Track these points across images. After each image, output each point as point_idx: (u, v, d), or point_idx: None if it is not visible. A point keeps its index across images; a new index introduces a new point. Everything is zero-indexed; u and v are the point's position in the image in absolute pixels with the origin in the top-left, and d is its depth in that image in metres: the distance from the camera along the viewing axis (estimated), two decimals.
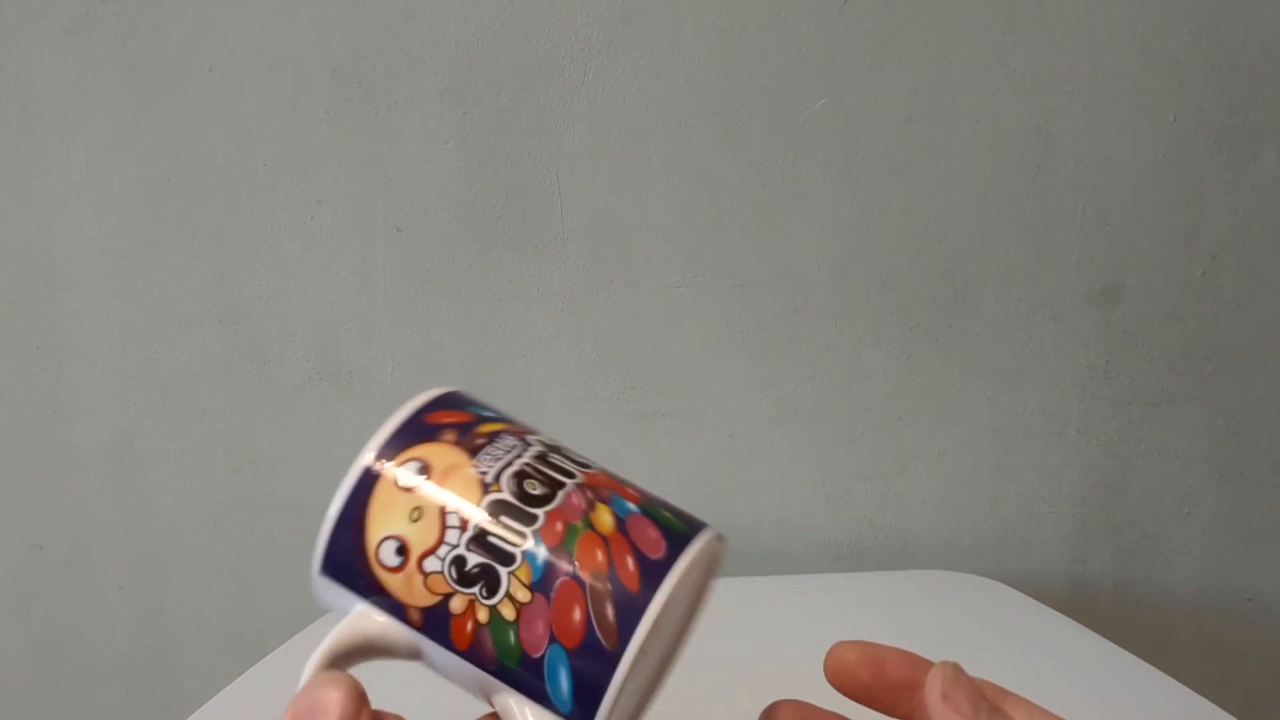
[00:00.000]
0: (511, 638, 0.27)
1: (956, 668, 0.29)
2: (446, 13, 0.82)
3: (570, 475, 0.29)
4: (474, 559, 0.27)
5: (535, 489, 0.28)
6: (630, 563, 0.27)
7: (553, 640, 0.27)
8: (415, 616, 0.28)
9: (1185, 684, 0.56)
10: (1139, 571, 0.89)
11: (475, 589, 0.27)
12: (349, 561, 0.28)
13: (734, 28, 0.82)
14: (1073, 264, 0.85)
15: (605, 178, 0.84)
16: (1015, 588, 0.77)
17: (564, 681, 0.27)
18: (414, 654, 0.29)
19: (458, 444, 0.29)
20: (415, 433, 0.29)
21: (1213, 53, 0.83)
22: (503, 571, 0.27)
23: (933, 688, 0.28)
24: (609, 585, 0.27)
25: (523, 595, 0.27)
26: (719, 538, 0.30)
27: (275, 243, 0.85)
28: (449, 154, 0.84)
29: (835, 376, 0.86)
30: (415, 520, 0.28)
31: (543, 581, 0.27)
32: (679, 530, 0.29)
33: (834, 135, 0.83)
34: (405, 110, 0.83)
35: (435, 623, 0.28)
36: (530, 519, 0.28)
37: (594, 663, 0.27)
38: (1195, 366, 0.87)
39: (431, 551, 0.28)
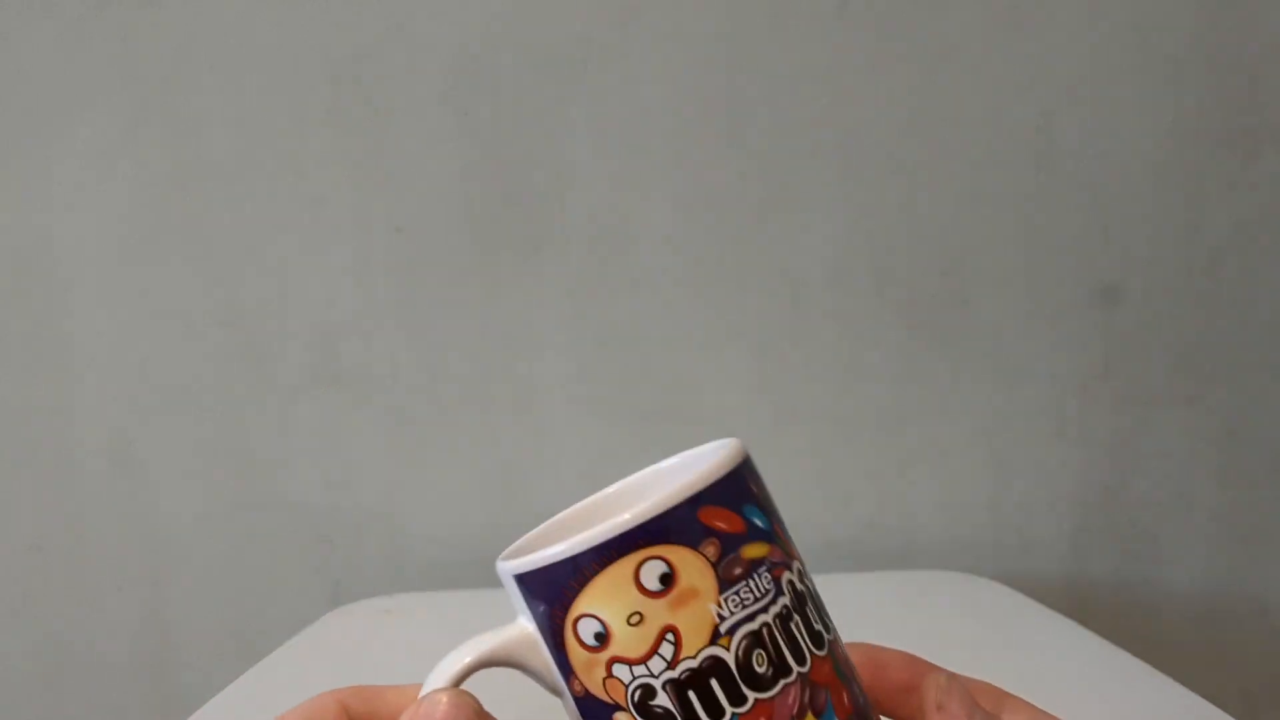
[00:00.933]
0: None
1: (952, 676, 0.29)
2: (447, 12, 0.82)
3: (801, 658, 0.26)
4: (663, 700, 0.25)
5: (760, 665, 0.25)
6: None
7: None
8: (578, 689, 0.27)
9: (1184, 685, 0.56)
10: (1138, 572, 0.89)
11: None
12: (546, 602, 0.27)
13: (734, 28, 0.82)
14: (1072, 264, 0.85)
15: (605, 178, 0.84)
16: (1015, 588, 0.77)
17: None
18: (554, 693, 0.28)
19: (714, 565, 0.26)
20: (680, 528, 0.26)
21: (1213, 53, 0.83)
22: None
23: (928, 698, 0.28)
24: None
25: None
26: None
27: (275, 243, 0.85)
28: (449, 154, 0.84)
29: (835, 377, 0.86)
30: (631, 624, 0.25)
31: None
32: None
33: (834, 135, 0.83)
34: (405, 110, 0.83)
35: (592, 710, 0.26)
36: (740, 700, 0.25)
37: None
38: (1195, 367, 0.87)
39: (628, 663, 0.25)
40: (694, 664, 0.25)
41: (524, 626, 0.27)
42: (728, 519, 0.26)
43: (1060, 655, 0.64)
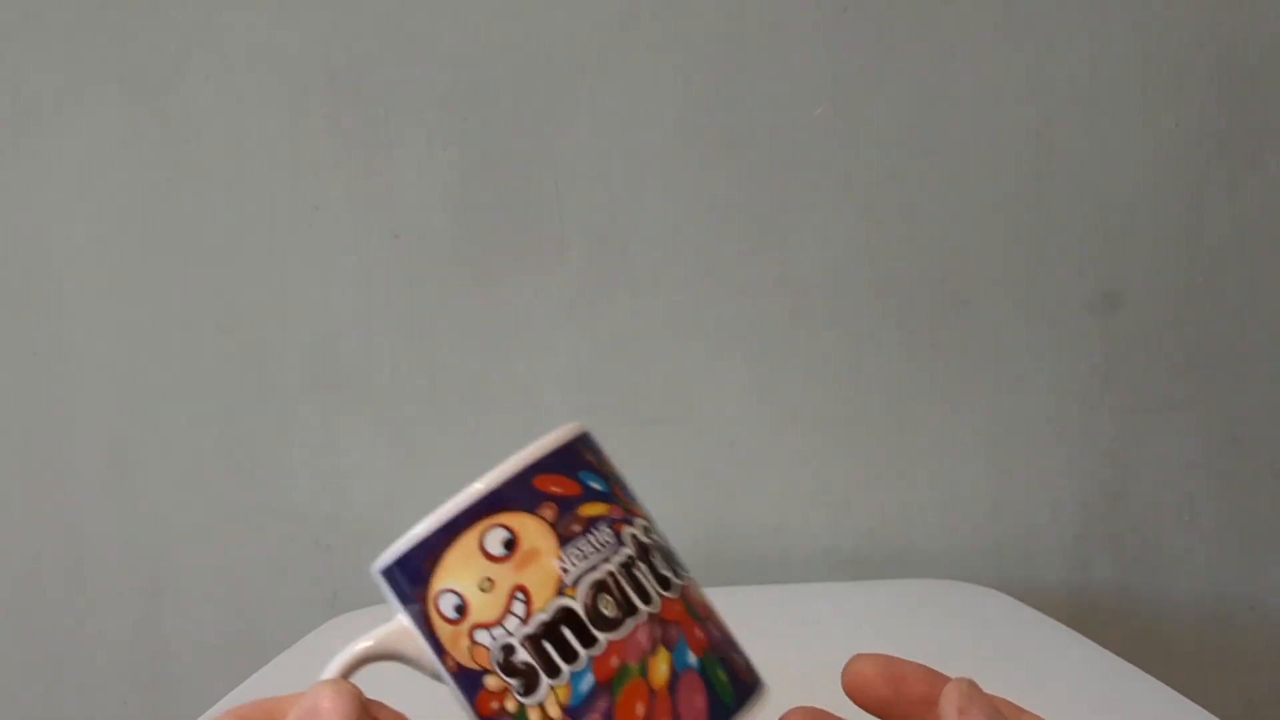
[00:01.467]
0: None
1: (973, 684, 0.28)
2: (444, 19, 0.82)
3: (647, 599, 0.28)
4: (523, 655, 0.27)
5: (608, 608, 0.28)
6: None
7: None
8: (452, 665, 0.28)
9: (1186, 693, 0.56)
10: (1140, 579, 0.89)
11: (514, 681, 0.27)
12: (409, 589, 0.29)
13: (733, 34, 0.82)
14: (1072, 270, 0.85)
15: (604, 184, 0.84)
16: (1015, 596, 0.77)
17: None
18: (436, 678, 0.29)
19: (553, 525, 0.28)
20: (517, 496, 0.28)
21: (1213, 58, 0.83)
22: (545, 681, 0.27)
23: (949, 704, 0.28)
24: None
25: (555, 713, 0.27)
26: (762, 699, 0.30)
27: (273, 249, 0.85)
28: (447, 160, 0.83)
29: (834, 383, 0.86)
30: (484, 590, 0.28)
31: (577, 711, 0.27)
32: (726, 702, 0.28)
33: (833, 141, 0.83)
34: (403, 116, 0.83)
35: (467, 682, 0.28)
36: (591, 642, 0.27)
37: None
38: (1195, 372, 0.87)
39: (487, 627, 0.28)
40: (545, 616, 0.27)
41: (400, 620, 0.30)
42: (562, 484, 0.29)
43: (1060, 665, 0.63)
